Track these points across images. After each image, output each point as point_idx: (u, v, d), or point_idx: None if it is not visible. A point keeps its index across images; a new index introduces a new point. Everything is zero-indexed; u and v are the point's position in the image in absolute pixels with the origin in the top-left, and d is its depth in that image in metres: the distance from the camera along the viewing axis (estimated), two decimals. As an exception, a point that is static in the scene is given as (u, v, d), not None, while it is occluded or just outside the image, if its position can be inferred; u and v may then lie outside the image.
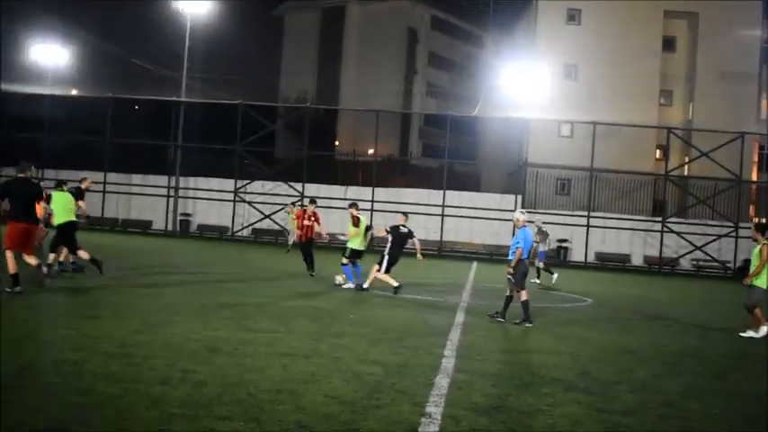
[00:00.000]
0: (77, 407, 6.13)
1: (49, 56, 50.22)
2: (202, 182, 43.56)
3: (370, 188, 41.18)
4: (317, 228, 20.32)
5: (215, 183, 43.16)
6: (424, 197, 41.30)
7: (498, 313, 13.50)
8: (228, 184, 42.25)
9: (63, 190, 16.44)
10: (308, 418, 6.26)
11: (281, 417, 6.25)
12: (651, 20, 49.38)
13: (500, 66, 51.46)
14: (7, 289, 12.35)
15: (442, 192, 40.65)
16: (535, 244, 19.35)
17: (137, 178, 43.81)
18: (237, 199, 41.94)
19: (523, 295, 13.39)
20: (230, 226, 41.85)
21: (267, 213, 41.29)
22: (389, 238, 17.19)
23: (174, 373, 7.53)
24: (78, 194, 17.10)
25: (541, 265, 23.65)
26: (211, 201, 42.73)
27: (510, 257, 13.72)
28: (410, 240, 17.52)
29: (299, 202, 21.40)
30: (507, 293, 13.66)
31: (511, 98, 46.21)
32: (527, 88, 44.71)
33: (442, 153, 43.43)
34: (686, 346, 12.28)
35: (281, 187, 42.00)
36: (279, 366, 8.19)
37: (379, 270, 17.04)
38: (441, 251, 39.65)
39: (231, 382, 7.34)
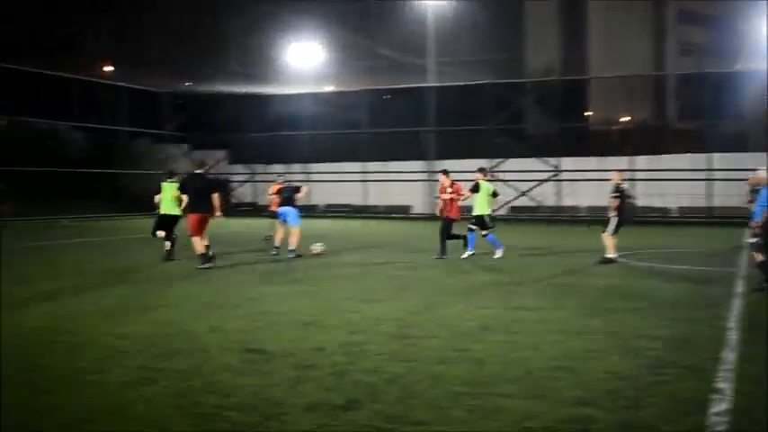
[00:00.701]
0: (366, 385, 6.47)
1: (306, 55, 53.03)
2: (457, 164, 44.14)
3: (627, 157, 39.73)
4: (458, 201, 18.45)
5: (469, 164, 43.53)
6: (685, 162, 39.20)
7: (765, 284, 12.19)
8: (482, 164, 42.40)
9: (172, 181, 17.55)
10: (590, 395, 6.18)
11: (562, 393, 6.23)
12: None
13: (762, 13, 47.55)
14: (198, 266, 15.19)
15: (704, 155, 38.32)
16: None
17: (394, 165, 45.24)
18: (492, 179, 42.08)
19: (759, 257, 12.33)
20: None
21: (524, 190, 41.15)
22: (618, 202, 16.64)
23: (452, 352, 7.73)
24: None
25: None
26: (467, 182, 43.14)
27: (758, 218, 12.36)
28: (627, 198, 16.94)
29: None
30: (761, 259, 12.36)
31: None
32: (796, 33, 40.88)
33: (702, 114, 40.95)
34: None
35: (535, 163, 41.64)
36: (553, 343, 8.17)
37: (608, 233, 16.55)
38: (710, 217, 37.48)
39: (508, 359, 7.43)
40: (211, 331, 8.77)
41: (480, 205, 18.11)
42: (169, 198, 17.33)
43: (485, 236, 18.12)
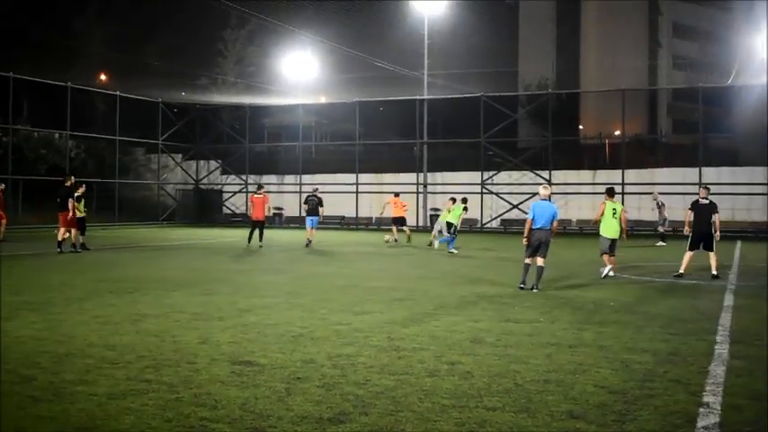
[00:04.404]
0: (356, 398, 6.46)
1: (301, 66, 53.13)
2: (449, 176, 44.20)
3: (620, 171, 39.88)
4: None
5: (462, 176, 43.62)
6: (677, 176, 39.33)
7: (534, 285, 14.10)
8: (475, 176, 42.53)
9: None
10: (580, 408, 6.18)
11: (551, 407, 6.22)
12: None
13: (755, 28, 47.85)
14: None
15: (697, 169, 38.45)
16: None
17: (387, 177, 45.23)
18: (484, 191, 42.17)
19: (527, 260, 14.47)
20: (479, 218, 42.17)
21: (515, 203, 41.20)
22: (691, 215, 17.13)
23: (442, 365, 7.72)
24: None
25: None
26: (459, 194, 43.13)
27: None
28: (714, 216, 16.92)
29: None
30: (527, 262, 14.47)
31: (770, 62, 42.69)
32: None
33: (695, 128, 41.16)
34: None
35: (527, 176, 41.72)
36: (543, 356, 8.17)
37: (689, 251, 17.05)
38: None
39: (497, 372, 7.42)
40: (200, 343, 8.74)
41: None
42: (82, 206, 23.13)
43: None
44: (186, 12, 60.16)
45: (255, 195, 26.41)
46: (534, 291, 13.86)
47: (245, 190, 48.16)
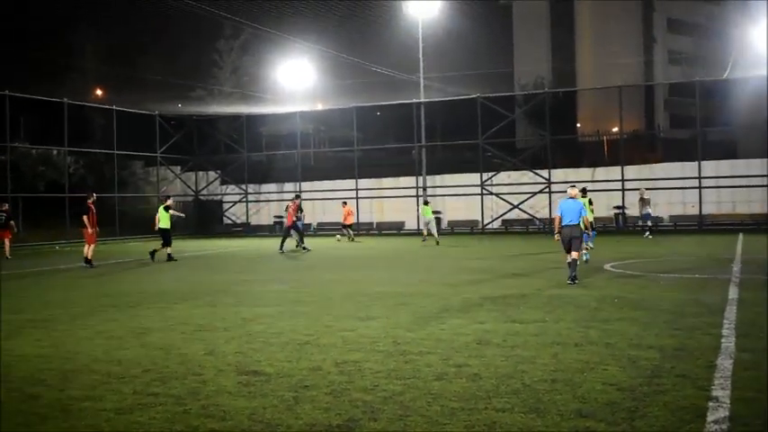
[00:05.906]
0: (364, 404, 6.44)
1: (294, 74, 53.13)
2: (449, 179, 44.20)
3: (619, 167, 39.86)
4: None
5: (461, 178, 43.64)
6: (677, 170, 39.33)
7: (570, 278, 14.93)
8: (474, 178, 42.53)
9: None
10: (589, 407, 6.16)
11: (560, 406, 6.21)
12: None
13: (750, 20, 47.82)
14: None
15: (696, 163, 38.44)
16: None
17: (386, 182, 45.24)
18: (485, 192, 42.16)
19: (568, 258, 15.20)
20: (480, 219, 42.16)
21: (515, 203, 41.18)
22: None
23: (449, 367, 7.70)
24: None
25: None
26: (459, 196, 43.25)
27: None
28: None
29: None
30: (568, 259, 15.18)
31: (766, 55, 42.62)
32: (783, 41, 41.06)
33: (692, 123, 41.15)
34: None
35: (526, 176, 41.69)
36: (550, 355, 8.15)
37: None
38: (701, 225, 37.60)
39: (505, 373, 7.40)
40: (206, 354, 8.73)
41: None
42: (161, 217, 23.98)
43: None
44: (180, 24, 60.23)
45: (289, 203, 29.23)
46: (570, 283, 14.74)
47: (244, 200, 48.17)
